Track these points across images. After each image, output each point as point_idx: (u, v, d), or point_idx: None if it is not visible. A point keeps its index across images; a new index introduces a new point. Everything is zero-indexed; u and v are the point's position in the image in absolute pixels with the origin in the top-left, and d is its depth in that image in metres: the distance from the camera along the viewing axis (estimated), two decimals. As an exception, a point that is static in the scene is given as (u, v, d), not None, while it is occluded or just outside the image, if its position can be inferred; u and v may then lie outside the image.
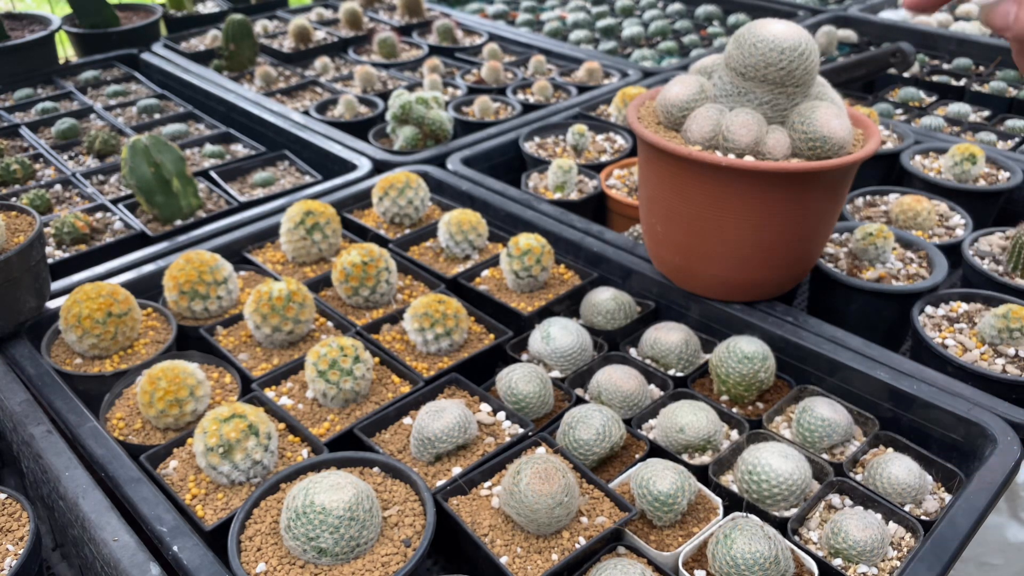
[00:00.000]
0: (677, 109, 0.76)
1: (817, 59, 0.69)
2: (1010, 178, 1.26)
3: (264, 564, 0.65)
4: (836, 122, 0.68)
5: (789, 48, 0.69)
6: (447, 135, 1.40)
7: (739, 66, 0.72)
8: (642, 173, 0.83)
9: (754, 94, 0.71)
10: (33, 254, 0.86)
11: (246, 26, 1.77)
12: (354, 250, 0.96)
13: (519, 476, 0.67)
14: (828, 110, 0.68)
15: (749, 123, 0.69)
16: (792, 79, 0.69)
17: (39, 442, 0.75)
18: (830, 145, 0.69)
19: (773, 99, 0.71)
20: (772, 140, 0.69)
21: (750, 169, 0.70)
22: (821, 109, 0.69)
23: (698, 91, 0.75)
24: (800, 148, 0.70)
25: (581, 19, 2.22)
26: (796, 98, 0.70)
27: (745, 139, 0.69)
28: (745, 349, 0.83)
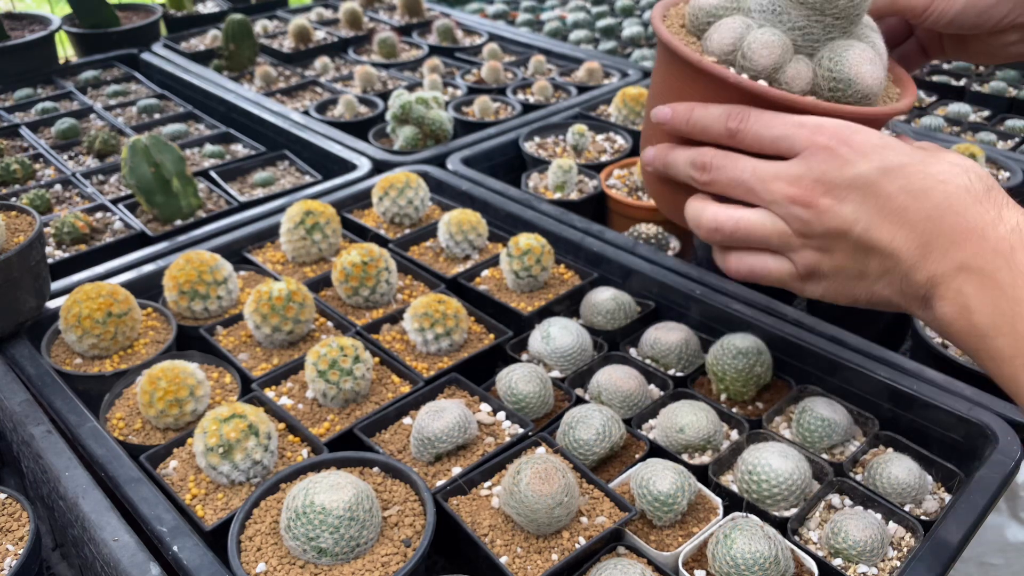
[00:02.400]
0: (704, 14, 0.66)
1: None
2: (1010, 178, 1.26)
3: (264, 564, 0.65)
4: (868, 67, 0.58)
5: None
6: (447, 135, 1.40)
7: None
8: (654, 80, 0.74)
9: (788, 15, 0.61)
10: (33, 254, 0.86)
11: (246, 26, 1.77)
12: (354, 250, 0.96)
13: (519, 476, 0.67)
14: (863, 53, 0.59)
15: (773, 45, 0.60)
16: (835, 8, 0.60)
17: (39, 442, 0.75)
18: (853, 90, 0.59)
19: (808, 26, 0.61)
20: (792, 70, 0.61)
21: (758, 94, 0.60)
22: (855, 49, 0.59)
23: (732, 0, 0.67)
24: (820, 87, 0.61)
25: (581, 19, 2.22)
26: (833, 32, 0.61)
27: (764, 61, 0.61)
28: (739, 344, 0.83)
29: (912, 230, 0.50)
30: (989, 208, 0.48)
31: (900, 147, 0.53)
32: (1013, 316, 0.46)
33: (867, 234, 0.52)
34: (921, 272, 0.51)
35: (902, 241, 0.51)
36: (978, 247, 0.48)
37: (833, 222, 0.53)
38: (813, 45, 0.62)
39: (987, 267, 0.47)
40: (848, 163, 0.52)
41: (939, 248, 0.49)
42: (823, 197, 0.53)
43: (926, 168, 0.50)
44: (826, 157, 0.52)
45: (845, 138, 0.52)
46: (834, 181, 0.52)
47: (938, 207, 0.49)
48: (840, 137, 0.52)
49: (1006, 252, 0.47)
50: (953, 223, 0.49)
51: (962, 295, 0.48)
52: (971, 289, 0.48)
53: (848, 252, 0.54)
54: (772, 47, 0.61)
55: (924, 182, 0.50)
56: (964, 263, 0.48)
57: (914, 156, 0.51)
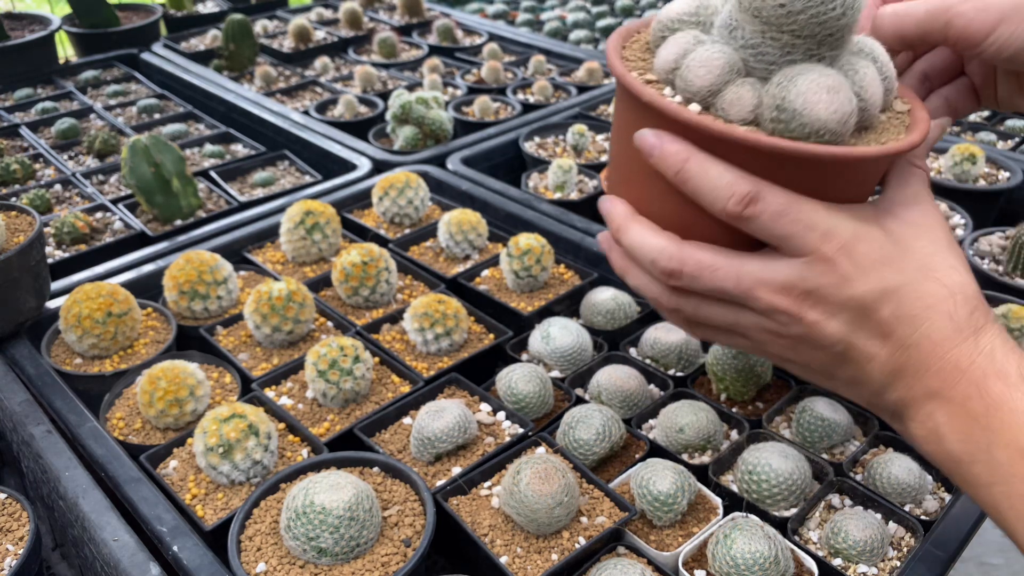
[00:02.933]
0: (663, 27, 0.55)
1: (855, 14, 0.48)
2: (1010, 178, 1.26)
3: (264, 564, 0.65)
4: (825, 99, 0.47)
5: None
6: (447, 135, 1.40)
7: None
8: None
9: (742, 31, 0.50)
10: (33, 254, 0.86)
11: (246, 26, 1.77)
12: (354, 250, 0.96)
13: (519, 476, 0.67)
14: (821, 80, 0.47)
15: (712, 64, 0.50)
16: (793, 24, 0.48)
17: (39, 442, 0.75)
18: (798, 123, 0.47)
19: (762, 43, 0.49)
20: (732, 95, 0.49)
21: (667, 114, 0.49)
22: (811, 75, 0.47)
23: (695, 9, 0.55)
24: (763, 116, 0.49)
25: (581, 19, 2.22)
26: (794, 54, 0.49)
27: (699, 82, 0.50)
28: (740, 345, 0.83)
29: (890, 354, 0.48)
30: (968, 335, 0.47)
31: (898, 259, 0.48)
32: (988, 444, 0.45)
33: (846, 352, 0.49)
34: (891, 393, 0.49)
35: (878, 364, 0.49)
36: (950, 376, 0.46)
37: (814, 335, 0.49)
38: (768, 68, 0.50)
39: (958, 396, 0.46)
40: (847, 281, 0.47)
41: (911, 374, 0.48)
42: (811, 311, 0.49)
43: (918, 290, 0.47)
44: (825, 270, 0.47)
45: (849, 250, 0.47)
46: (827, 298, 0.48)
47: (920, 335, 0.47)
48: (845, 249, 0.47)
49: (978, 380, 0.45)
50: (929, 352, 0.47)
51: (932, 420, 0.47)
52: (942, 417, 0.47)
53: (820, 359, 0.51)
54: (711, 66, 0.50)
55: (913, 307, 0.47)
56: (935, 391, 0.47)
57: (909, 274, 0.48)
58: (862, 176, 0.51)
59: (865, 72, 0.50)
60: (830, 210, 0.48)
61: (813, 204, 0.48)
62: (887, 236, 0.49)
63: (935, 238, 0.49)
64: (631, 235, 0.53)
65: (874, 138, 0.51)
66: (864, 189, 0.52)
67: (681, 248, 0.51)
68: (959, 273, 0.48)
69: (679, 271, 0.50)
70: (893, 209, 0.50)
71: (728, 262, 0.50)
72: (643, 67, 0.55)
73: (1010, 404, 0.44)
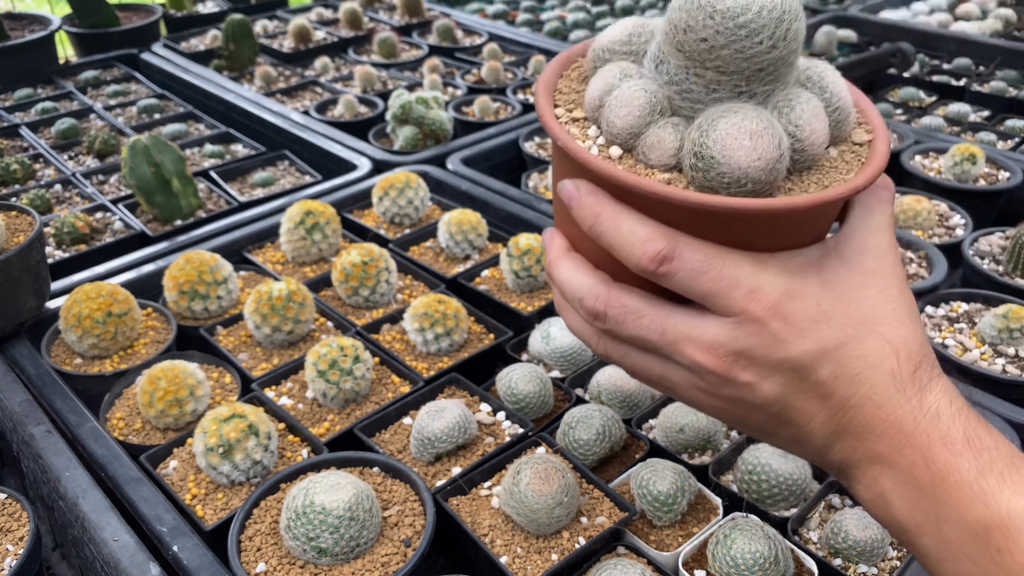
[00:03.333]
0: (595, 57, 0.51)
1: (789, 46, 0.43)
2: (1010, 178, 1.26)
3: (264, 564, 0.65)
4: (747, 145, 0.42)
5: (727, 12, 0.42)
6: (447, 135, 1.40)
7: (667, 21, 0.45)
8: None
9: (667, 66, 0.45)
10: (33, 254, 0.86)
11: (246, 26, 1.77)
12: (354, 250, 0.96)
13: (519, 476, 0.67)
14: (745, 123, 0.43)
15: (632, 103, 0.45)
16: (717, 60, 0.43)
17: (39, 442, 0.75)
18: (716, 172, 0.43)
19: (686, 80, 0.44)
20: (653, 137, 0.45)
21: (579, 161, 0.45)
22: (735, 118, 0.43)
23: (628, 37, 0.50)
24: (683, 161, 0.45)
25: (581, 19, 2.22)
26: (720, 92, 0.44)
27: (619, 123, 0.46)
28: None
29: (831, 416, 0.45)
30: (911, 396, 0.44)
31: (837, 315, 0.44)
32: (937, 518, 0.42)
33: (783, 412, 0.46)
34: (835, 454, 0.46)
35: (818, 424, 0.45)
36: (894, 441, 0.43)
37: (748, 398, 0.46)
38: (694, 107, 0.45)
39: (903, 463, 0.43)
40: (779, 343, 0.44)
41: (854, 435, 0.45)
42: (742, 372, 0.45)
43: (858, 348, 0.44)
44: (755, 331, 0.44)
45: (780, 309, 0.43)
46: (759, 360, 0.44)
47: (861, 396, 0.44)
48: (775, 308, 0.43)
49: (923, 446, 0.42)
50: (872, 414, 0.44)
51: (879, 485, 0.44)
52: (888, 483, 0.44)
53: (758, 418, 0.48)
54: (631, 106, 0.46)
55: (854, 366, 0.44)
56: (879, 455, 0.44)
57: (848, 331, 0.44)
58: (801, 223, 0.46)
59: (803, 107, 0.45)
60: (758, 264, 0.44)
61: (737, 258, 0.44)
62: (826, 289, 0.45)
63: (884, 286, 0.45)
64: (561, 272, 0.49)
65: (816, 180, 0.46)
66: (810, 234, 0.47)
67: (609, 289, 0.47)
68: (905, 326, 0.45)
69: (603, 313, 0.47)
70: (843, 252, 0.46)
71: (654, 311, 0.46)
72: (575, 101, 0.50)
73: (956, 475, 0.41)
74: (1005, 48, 1.83)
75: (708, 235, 0.44)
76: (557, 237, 0.52)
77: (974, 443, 0.42)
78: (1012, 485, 0.41)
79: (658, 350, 0.47)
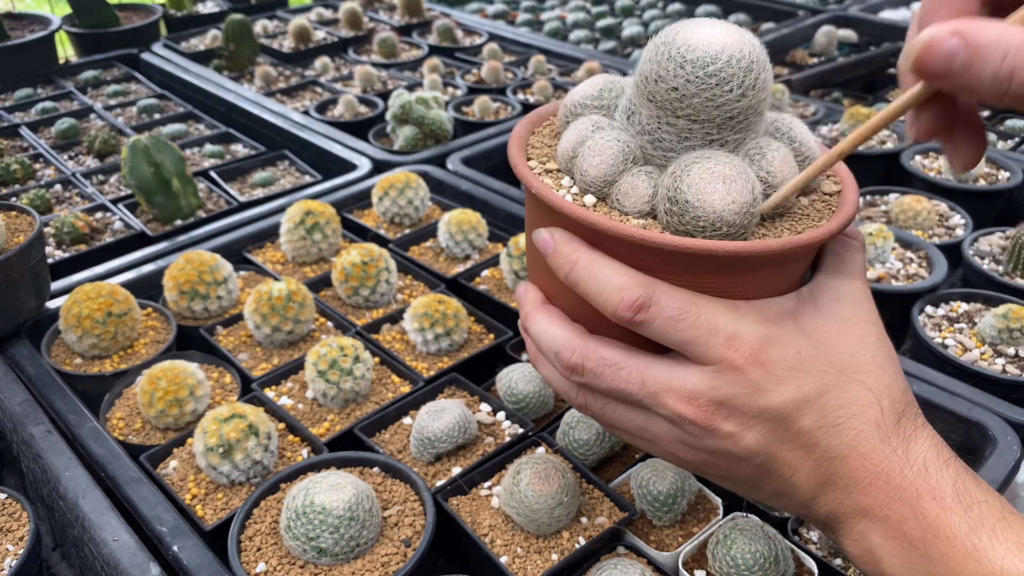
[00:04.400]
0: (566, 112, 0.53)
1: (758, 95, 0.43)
2: (1010, 178, 1.26)
3: (264, 564, 0.65)
4: (721, 189, 0.43)
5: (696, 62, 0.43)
6: (447, 135, 1.40)
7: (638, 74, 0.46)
8: None
9: (639, 116, 0.46)
10: (33, 254, 0.86)
11: (246, 26, 1.77)
12: (354, 250, 0.97)
13: (519, 476, 0.67)
14: (718, 168, 0.43)
15: (606, 152, 0.46)
16: (688, 108, 0.44)
17: (39, 442, 0.75)
18: (692, 216, 0.43)
19: (659, 130, 0.45)
20: (626, 184, 0.46)
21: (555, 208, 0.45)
22: (707, 164, 0.43)
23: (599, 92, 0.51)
24: (658, 207, 0.45)
25: (581, 19, 2.22)
26: (692, 140, 0.45)
27: (593, 172, 0.47)
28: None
29: (816, 467, 0.44)
30: (896, 446, 0.42)
31: (817, 363, 0.43)
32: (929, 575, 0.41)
33: (767, 464, 0.45)
34: (821, 507, 0.45)
35: (803, 475, 0.44)
36: (882, 493, 0.42)
37: (731, 448, 0.45)
38: (666, 155, 0.46)
39: (892, 517, 0.42)
40: (760, 391, 0.43)
41: (840, 487, 0.44)
42: (724, 422, 0.44)
43: (840, 396, 0.43)
44: (735, 379, 0.43)
45: (759, 356, 0.43)
46: (740, 409, 0.43)
47: (845, 446, 0.43)
48: (754, 356, 0.43)
49: (911, 500, 0.41)
50: (857, 466, 0.43)
51: (867, 539, 0.43)
52: (877, 538, 0.42)
53: (741, 471, 0.46)
54: (604, 155, 0.46)
55: (837, 415, 0.43)
56: (867, 508, 0.43)
57: (829, 379, 0.43)
58: (776, 269, 0.45)
59: (774, 155, 0.45)
60: (735, 311, 0.43)
61: (715, 306, 0.43)
62: (804, 336, 0.44)
63: (862, 334, 0.44)
64: (536, 324, 0.49)
65: (789, 226, 0.46)
66: (785, 281, 0.46)
67: (585, 342, 0.46)
68: (886, 373, 0.44)
69: (580, 366, 0.46)
70: (818, 301, 0.46)
71: (633, 362, 0.45)
72: (548, 154, 0.51)
73: (947, 531, 0.40)
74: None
75: (685, 282, 0.44)
76: (531, 290, 0.51)
77: (964, 497, 0.41)
78: (1004, 542, 0.40)
79: (638, 402, 0.46)
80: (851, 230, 0.49)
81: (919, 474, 0.42)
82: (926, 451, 0.43)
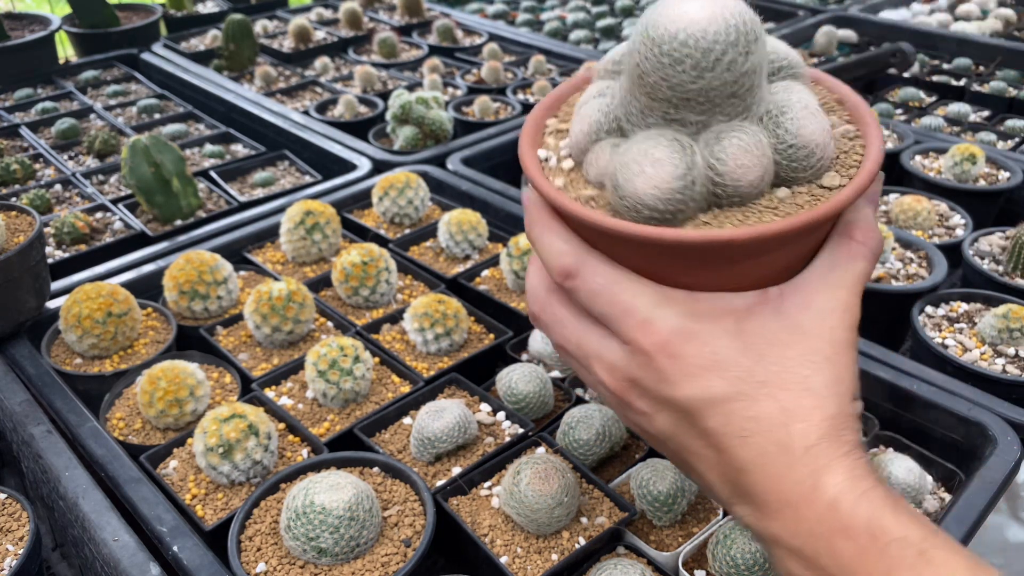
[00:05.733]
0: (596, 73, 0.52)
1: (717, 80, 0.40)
2: (1010, 178, 1.26)
3: (264, 564, 0.65)
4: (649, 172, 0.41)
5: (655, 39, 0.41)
6: (447, 135, 1.40)
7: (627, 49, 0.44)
8: None
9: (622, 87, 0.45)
10: (33, 254, 0.86)
11: (246, 26, 1.77)
12: (354, 250, 0.96)
13: (519, 476, 0.67)
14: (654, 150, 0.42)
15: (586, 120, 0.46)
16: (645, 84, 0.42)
17: (39, 442, 0.75)
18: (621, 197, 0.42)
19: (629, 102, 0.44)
20: (593, 154, 0.46)
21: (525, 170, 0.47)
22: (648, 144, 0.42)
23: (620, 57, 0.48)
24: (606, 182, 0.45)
25: (581, 19, 2.22)
26: (650, 116, 0.43)
27: (575, 137, 0.47)
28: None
29: (725, 473, 0.43)
30: (804, 476, 0.40)
31: (734, 367, 0.41)
32: None
33: (681, 452, 0.45)
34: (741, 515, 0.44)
35: (716, 477, 0.43)
36: (791, 524, 0.40)
37: (646, 426, 0.45)
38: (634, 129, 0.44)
39: (806, 550, 0.40)
40: (665, 382, 0.42)
41: (752, 504, 0.42)
42: (637, 400, 0.44)
43: (750, 409, 0.41)
44: (643, 363, 0.43)
45: (669, 347, 0.42)
46: (649, 392, 0.43)
47: (751, 462, 0.41)
48: (664, 345, 0.42)
49: (824, 536, 0.39)
50: (765, 487, 0.41)
51: (785, 567, 0.41)
52: (796, 567, 0.41)
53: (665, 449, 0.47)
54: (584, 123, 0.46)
55: (744, 427, 0.41)
56: (778, 537, 0.41)
57: (743, 388, 0.41)
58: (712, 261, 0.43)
59: (731, 142, 0.42)
60: (659, 297, 0.42)
61: (639, 288, 0.43)
62: (734, 339, 0.42)
63: (809, 350, 0.41)
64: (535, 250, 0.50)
65: (740, 218, 0.43)
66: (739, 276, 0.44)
67: (548, 295, 0.48)
68: (813, 397, 0.41)
69: (538, 316, 0.49)
70: (783, 304, 0.43)
71: (574, 324, 0.47)
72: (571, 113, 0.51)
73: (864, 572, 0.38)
74: (1005, 48, 1.83)
75: (630, 261, 0.44)
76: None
77: (879, 537, 0.38)
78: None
79: (575, 361, 0.48)
80: (863, 234, 0.44)
81: (829, 510, 0.39)
82: (840, 484, 0.39)
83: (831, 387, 0.41)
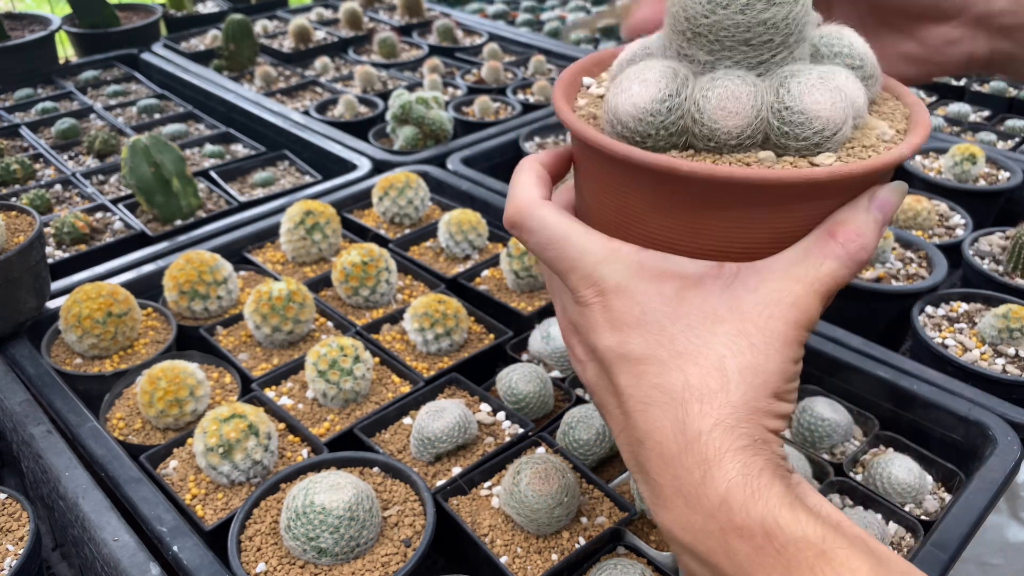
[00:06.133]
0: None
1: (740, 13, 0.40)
2: (1010, 178, 1.26)
3: (264, 564, 0.65)
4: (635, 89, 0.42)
5: None
6: (447, 135, 1.40)
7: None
8: None
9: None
10: (33, 254, 0.86)
11: (246, 26, 1.77)
12: (354, 250, 0.96)
13: (519, 476, 0.67)
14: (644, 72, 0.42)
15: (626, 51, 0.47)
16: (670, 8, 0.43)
17: (39, 442, 0.75)
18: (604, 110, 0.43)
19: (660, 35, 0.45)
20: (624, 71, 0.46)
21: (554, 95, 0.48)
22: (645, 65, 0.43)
23: None
24: None
25: (581, 19, 2.22)
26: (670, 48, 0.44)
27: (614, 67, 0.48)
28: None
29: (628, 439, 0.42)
30: (694, 464, 0.38)
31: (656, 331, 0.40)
32: None
33: (602, 407, 0.45)
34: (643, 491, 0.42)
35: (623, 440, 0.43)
36: (684, 518, 0.38)
37: (580, 373, 0.47)
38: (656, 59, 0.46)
39: (699, 547, 0.38)
40: (595, 329, 0.43)
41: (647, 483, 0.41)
42: (576, 346, 0.46)
43: (658, 376, 0.40)
44: (583, 312, 0.43)
45: (606, 301, 0.42)
46: (585, 339, 0.44)
47: (647, 434, 0.40)
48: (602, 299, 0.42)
49: (716, 535, 0.37)
50: (658, 467, 0.39)
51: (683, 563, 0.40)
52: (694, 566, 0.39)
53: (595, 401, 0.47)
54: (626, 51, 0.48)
55: (648, 393, 0.40)
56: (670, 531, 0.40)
57: (659, 352, 0.40)
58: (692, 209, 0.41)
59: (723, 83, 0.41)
60: (607, 252, 0.42)
61: (587, 244, 0.43)
62: (666, 303, 0.41)
63: (738, 333, 0.39)
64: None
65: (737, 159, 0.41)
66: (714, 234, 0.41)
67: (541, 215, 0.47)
68: (722, 378, 0.39)
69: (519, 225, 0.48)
70: (734, 282, 0.41)
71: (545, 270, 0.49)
72: None
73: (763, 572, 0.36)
74: (1005, 48, 1.83)
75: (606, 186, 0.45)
76: None
77: (776, 537, 0.36)
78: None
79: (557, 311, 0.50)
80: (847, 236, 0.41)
81: (721, 507, 0.37)
82: (731, 478, 0.37)
83: (744, 374, 0.39)
